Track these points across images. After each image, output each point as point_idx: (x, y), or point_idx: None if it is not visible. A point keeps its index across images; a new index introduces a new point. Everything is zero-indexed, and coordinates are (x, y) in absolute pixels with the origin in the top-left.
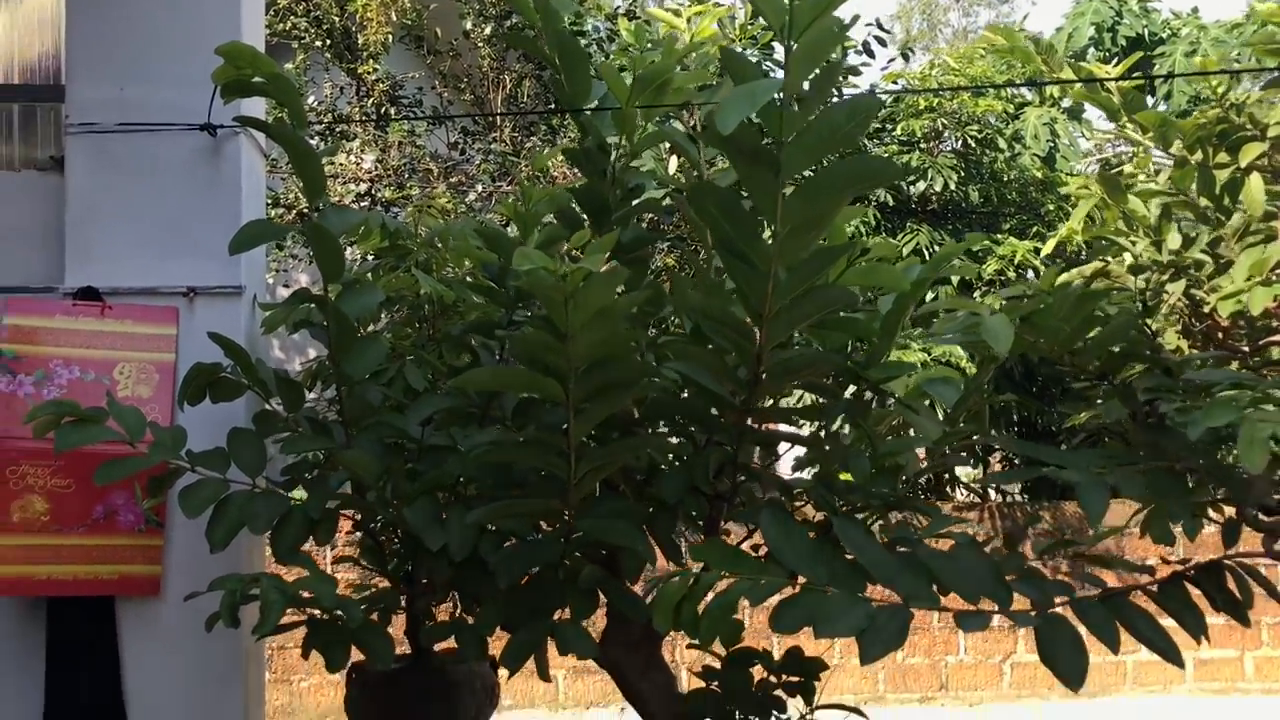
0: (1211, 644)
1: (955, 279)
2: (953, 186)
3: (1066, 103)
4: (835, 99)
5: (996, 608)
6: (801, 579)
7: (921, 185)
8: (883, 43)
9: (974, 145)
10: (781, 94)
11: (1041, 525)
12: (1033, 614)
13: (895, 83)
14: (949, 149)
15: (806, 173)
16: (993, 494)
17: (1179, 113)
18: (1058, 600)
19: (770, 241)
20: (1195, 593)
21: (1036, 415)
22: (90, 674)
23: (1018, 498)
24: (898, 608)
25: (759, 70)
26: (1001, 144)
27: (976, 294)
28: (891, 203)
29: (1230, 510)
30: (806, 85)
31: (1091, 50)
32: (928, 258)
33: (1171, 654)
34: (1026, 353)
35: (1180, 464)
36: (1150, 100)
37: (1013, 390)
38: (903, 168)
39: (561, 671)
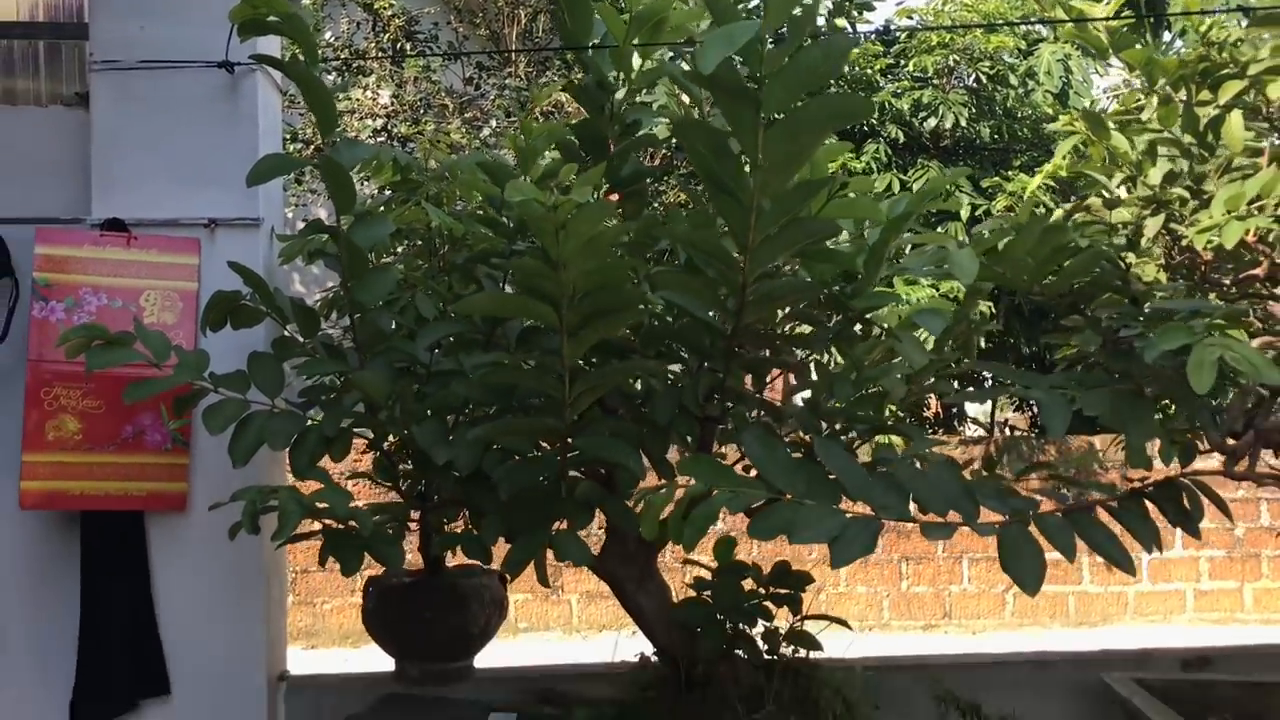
0: (1212, 576)
1: (965, 214)
2: (964, 123)
3: None
4: (831, 35)
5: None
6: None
7: (933, 122)
8: None
9: (986, 82)
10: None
11: (1043, 456)
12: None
13: (910, 18)
14: (961, 86)
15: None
16: (999, 428)
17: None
18: (1018, 513)
19: (753, 176)
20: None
21: (1045, 349)
22: (123, 584)
23: (1025, 431)
24: (869, 518)
25: (738, 12)
26: (1014, 80)
27: None
28: (903, 139)
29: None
30: (785, 27)
31: None
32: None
33: (1124, 563)
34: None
35: (1150, 389)
36: (1167, 37)
37: (1022, 326)
38: (873, 105)
39: (574, 596)
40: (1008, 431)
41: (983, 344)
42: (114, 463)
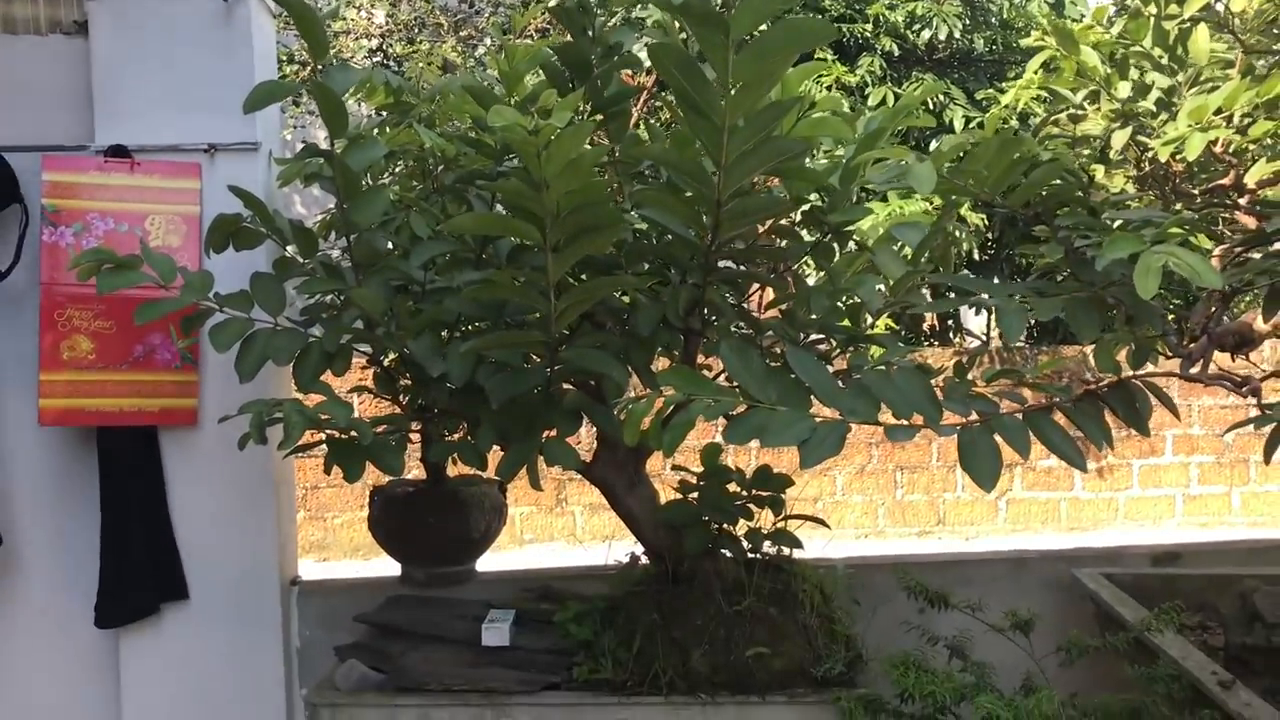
0: (1201, 482)
1: (959, 126)
2: (958, 35)
3: None
4: None
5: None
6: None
7: (927, 34)
8: None
9: None
10: None
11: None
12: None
13: None
14: None
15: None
16: (995, 339)
17: None
18: (980, 415)
19: (724, 97)
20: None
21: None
22: (139, 495)
23: (1020, 342)
24: (837, 422)
25: None
26: None
27: None
28: (898, 52)
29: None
30: None
31: None
32: (931, 106)
33: (1075, 459)
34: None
35: (1111, 297)
36: None
37: (1016, 237)
38: (835, 28)
39: (578, 508)
40: (1004, 343)
41: (977, 255)
42: (127, 380)
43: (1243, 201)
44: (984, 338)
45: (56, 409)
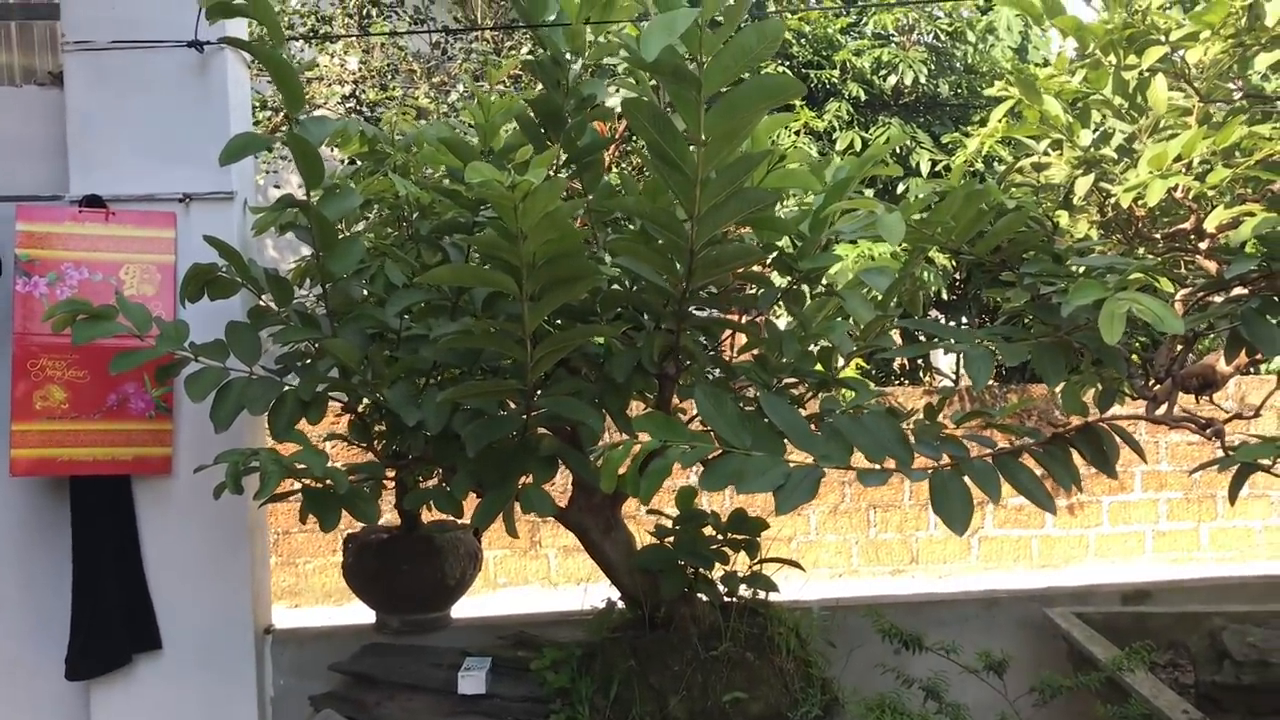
0: (1170, 518)
1: (925, 170)
2: (924, 80)
3: None
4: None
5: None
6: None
7: (893, 79)
8: None
9: (945, 38)
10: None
11: (1003, 404)
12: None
13: None
14: (921, 43)
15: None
16: (964, 379)
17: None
18: (951, 458)
19: (696, 151)
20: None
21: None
22: (112, 545)
23: (989, 382)
24: (811, 467)
25: (680, 0)
26: (971, 37)
27: None
28: (864, 97)
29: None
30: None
31: None
32: (899, 151)
33: (1044, 502)
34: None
35: (1077, 341)
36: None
37: (984, 279)
38: (804, 85)
39: (552, 550)
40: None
41: (945, 295)
42: (100, 429)
43: (1203, 246)
44: (954, 377)
45: (28, 459)
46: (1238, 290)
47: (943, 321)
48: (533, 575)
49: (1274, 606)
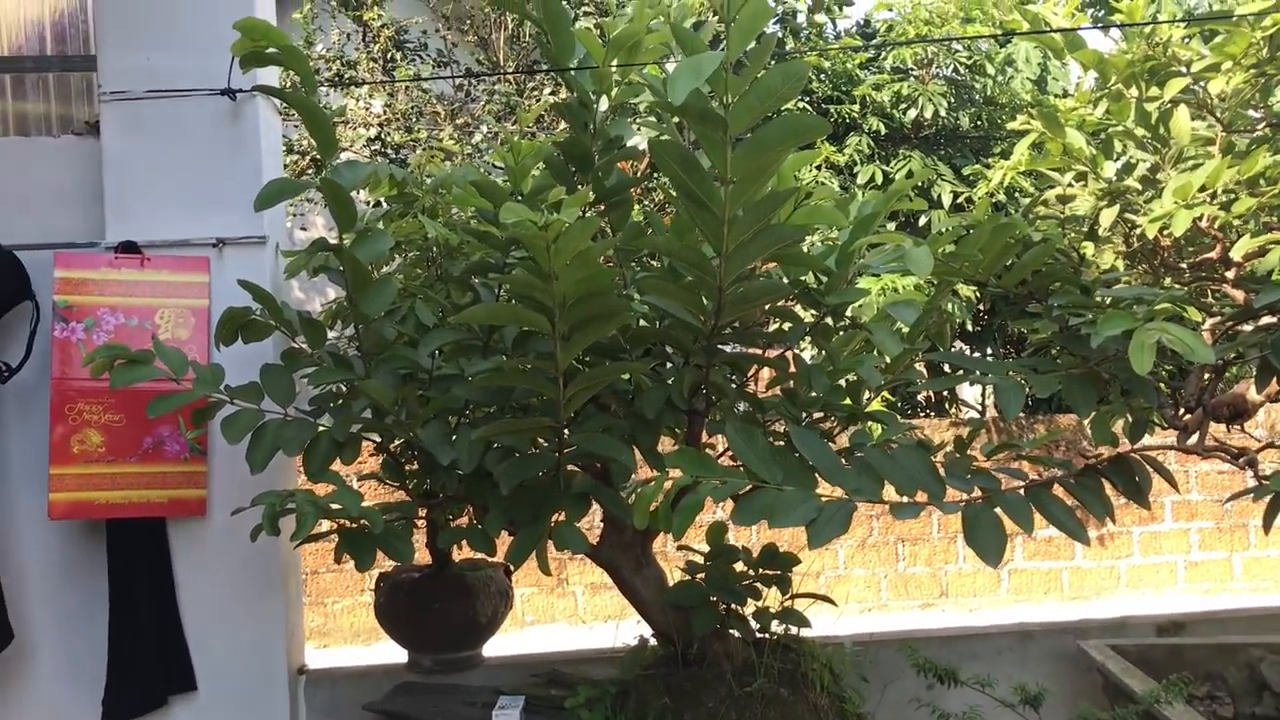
0: (1202, 548)
1: (947, 202)
2: (944, 113)
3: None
4: (789, 60)
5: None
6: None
7: (913, 113)
8: None
9: (964, 71)
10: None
11: (1032, 435)
12: (961, 504)
13: (889, 10)
14: (940, 76)
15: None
16: (991, 409)
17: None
18: (983, 491)
19: (723, 190)
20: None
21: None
22: (147, 587)
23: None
24: (843, 501)
25: (703, 42)
26: (990, 69)
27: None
28: (885, 131)
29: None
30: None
31: None
32: (922, 183)
33: (1078, 533)
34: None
35: (1106, 372)
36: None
37: (1008, 310)
38: (828, 123)
39: (579, 588)
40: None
41: (969, 326)
42: (136, 472)
43: (1230, 275)
44: (979, 409)
45: (66, 502)
46: (1266, 319)
47: (967, 353)
48: (560, 613)
49: None
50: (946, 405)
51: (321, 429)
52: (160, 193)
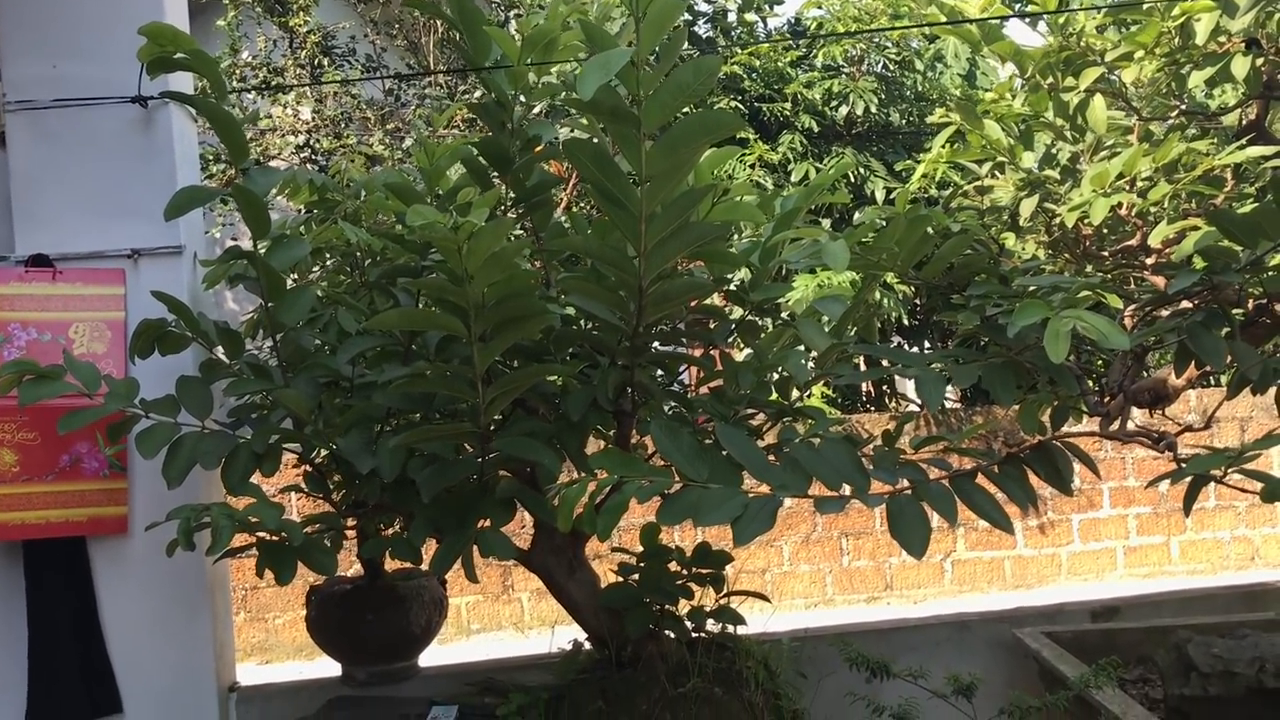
0: (1140, 532)
1: (880, 198)
2: (874, 109)
3: None
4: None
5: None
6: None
7: (844, 110)
8: None
9: (894, 68)
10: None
11: (968, 426)
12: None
13: (819, 8)
14: (871, 73)
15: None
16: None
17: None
18: (910, 482)
19: (639, 188)
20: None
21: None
22: (69, 608)
23: (954, 404)
24: (768, 497)
25: (614, 40)
26: (920, 65)
27: None
28: (817, 128)
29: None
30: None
31: None
32: (853, 179)
33: (1002, 522)
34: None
35: (1028, 361)
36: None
37: (944, 303)
38: (741, 120)
39: (525, 594)
40: (941, 406)
41: (906, 321)
42: (53, 491)
43: (1149, 261)
44: (919, 403)
45: None
46: (1184, 304)
47: (905, 347)
48: (506, 620)
49: (1239, 616)
50: (887, 399)
51: (240, 441)
52: (71, 204)
